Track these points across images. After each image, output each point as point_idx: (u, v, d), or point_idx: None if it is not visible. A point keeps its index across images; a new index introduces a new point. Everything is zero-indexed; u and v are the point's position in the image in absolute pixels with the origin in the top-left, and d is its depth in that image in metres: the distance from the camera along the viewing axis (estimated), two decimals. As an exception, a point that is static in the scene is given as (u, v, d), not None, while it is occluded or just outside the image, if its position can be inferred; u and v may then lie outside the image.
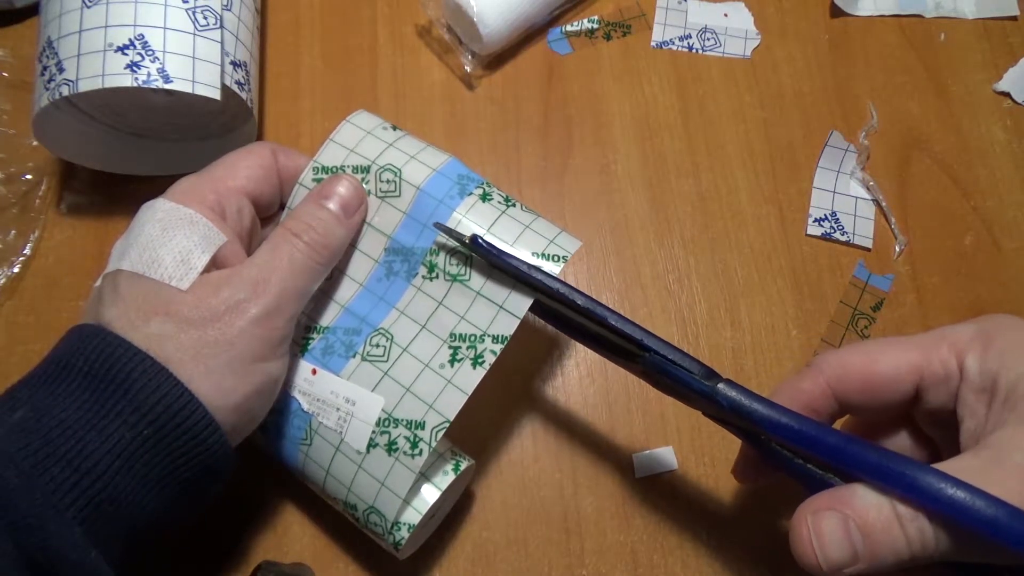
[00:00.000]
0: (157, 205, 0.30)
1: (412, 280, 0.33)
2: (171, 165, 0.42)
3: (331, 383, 0.33)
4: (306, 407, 0.33)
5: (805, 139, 0.44)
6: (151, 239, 0.29)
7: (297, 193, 0.35)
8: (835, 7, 0.47)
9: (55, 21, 0.35)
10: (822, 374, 0.29)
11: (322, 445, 0.32)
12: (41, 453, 0.25)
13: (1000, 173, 0.44)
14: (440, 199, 0.33)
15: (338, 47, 0.46)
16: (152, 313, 0.28)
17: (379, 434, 0.31)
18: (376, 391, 0.32)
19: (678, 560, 0.37)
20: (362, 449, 0.32)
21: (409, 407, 0.31)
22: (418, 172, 0.34)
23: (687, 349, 0.40)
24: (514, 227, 0.33)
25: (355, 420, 0.32)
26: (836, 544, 0.24)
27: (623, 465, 0.38)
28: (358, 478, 0.32)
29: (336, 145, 0.35)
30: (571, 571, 0.36)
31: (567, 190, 0.43)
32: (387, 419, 0.31)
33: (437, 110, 0.45)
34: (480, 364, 0.31)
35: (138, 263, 0.29)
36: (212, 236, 0.30)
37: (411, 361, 0.32)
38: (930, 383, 0.27)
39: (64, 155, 0.39)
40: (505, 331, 0.31)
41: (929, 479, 0.23)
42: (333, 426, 0.32)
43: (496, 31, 0.42)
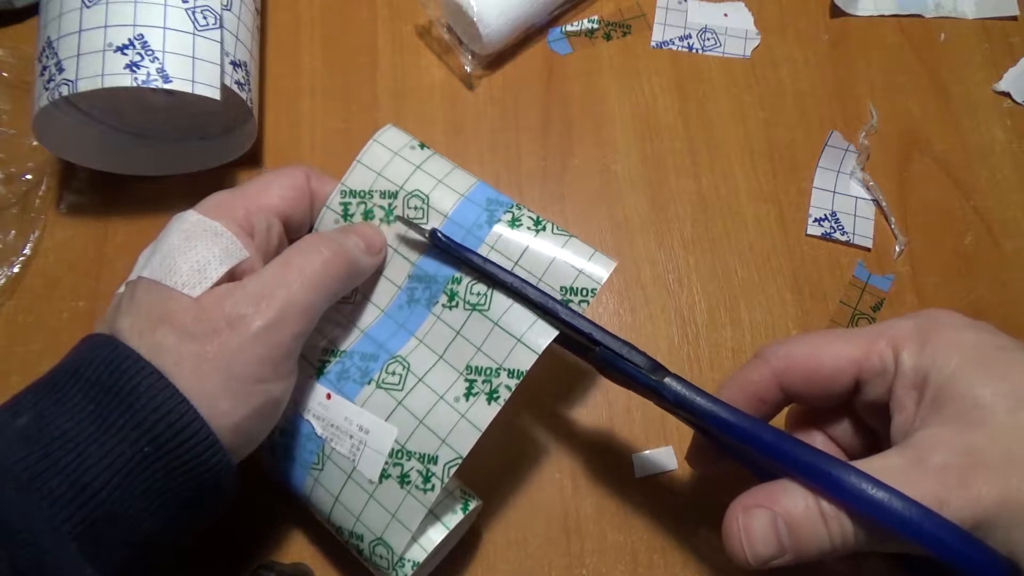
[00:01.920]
0: (186, 216, 0.30)
1: (432, 308, 0.33)
2: (171, 165, 0.42)
3: (345, 409, 0.32)
4: (320, 431, 0.32)
5: (805, 139, 0.44)
6: (173, 248, 0.29)
7: (324, 216, 0.34)
8: (835, 7, 0.47)
9: (55, 21, 0.35)
10: (768, 365, 0.30)
11: (334, 471, 0.32)
12: (40, 466, 0.24)
13: (1000, 173, 0.44)
14: (468, 228, 0.33)
15: (338, 47, 0.46)
16: (159, 322, 0.27)
17: (392, 465, 0.31)
18: (390, 420, 0.31)
19: (678, 560, 0.37)
20: (375, 479, 0.31)
21: (422, 440, 0.31)
22: (446, 199, 0.33)
23: (687, 349, 0.40)
24: (543, 257, 0.32)
25: (368, 449, 0.31)
26: (764, 540, 0.26)
27: (623, 465, 0.38)
28: (368, 508, 0.31)
29: (364, 168, 0.34)
30: (571, 571, 0.36)
31: (567, 190, 0.43)
32: (400, 451, 0.31)
33: (437, 110, 0.45)
34: (495, 399, 0.31)
35: (157, 270, 0.29)
36: (234, 250, 0.30)
37: (426, 392, 0.32)
38: (868, 376, 0.28)
39: (64, 155, 0.39)
40: (521, 366, 0.31)
41: (852, 479, 0.24)
42: (346, 453, 0.31)
43: (496, 31, 0.42)
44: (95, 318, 0.40)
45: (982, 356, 0.26)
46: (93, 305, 0.40)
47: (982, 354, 0.26)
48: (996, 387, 0.25)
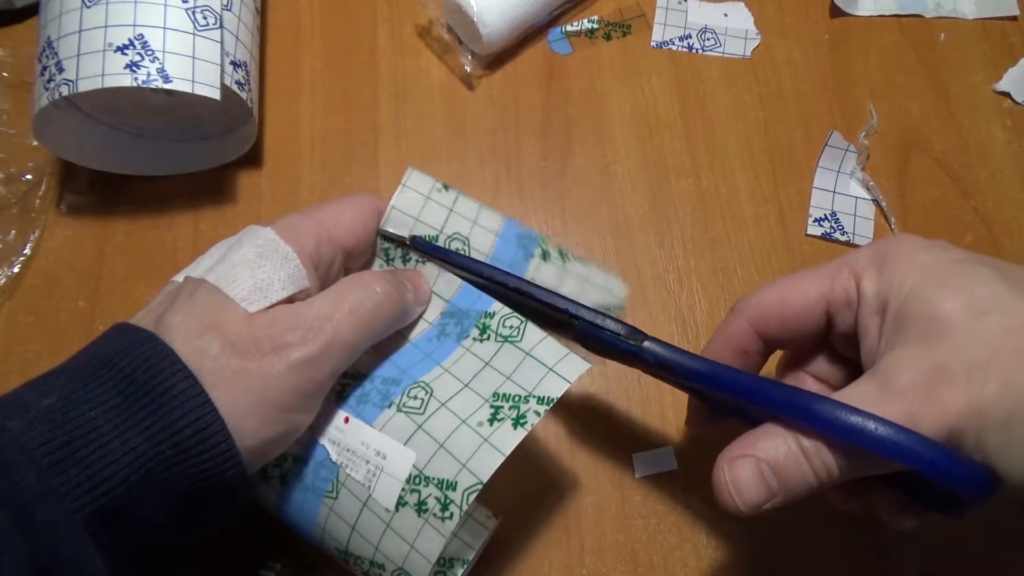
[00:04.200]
0: (262, 232, 0.30)
1: (462, 341, 0.33)
2: (171, 165, 0.42)
3: (363, 433, 0.31)
4: (335, 457, 0.31)
5: (805, 139, 0.44)
6: (242, 260, 0.29)
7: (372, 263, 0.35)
8: (835, 7, 0.47)
9: (55, 21, 0.35)
10: (742, 316, 0.31)
11: (349, 499, 0.30)
12: (61, 453, 0.24)
13: (1000, 173, 0.44)
14: (508, 265, 0.34)
15: (338, 47, 0.46)
16: (207, 328, 0.27)
17: (409, 492, 0.29)
18: (408, 445, 0.30)
19: (678, 560, 0.37)
20: (391, 507, 0.30)
21: (441, 465, 0.30)
22: (484, 240, 0.35)
23: (687, 348, 0.40)
24: (574, 284, 0.35)
25: (384, 475, 0.30)
26: (751, 487, 0.27)
27: (623, 465, 0.38)
28: (386, 538, 0.30)
29: (399, 213, 0.35)
30: (571, 571, 0.36)
31: (567, 190, 0.43)
32: (418, 476, 0.29)
33: (437, 110, 0.45)
34: (522, 425, 0.30)
35: (222, 278, 0.29)
36: (299, 278, 0.30)
37: (448, 416, 0.31)
38: (836, 308, 0.29)
39: (64, 155, 0.39)
40: (553, 393, 0.30)
41: (826, 409, 0.25)
42: (361, 480, 0.30)
43: (496, 31, 0.42)
44: (95, 318, 0.40)
45: (938, 272, 0.26)
46: (93, 305, 0.40)
47: (938, 270, 0.26)
48: (953, 300, 0.25)
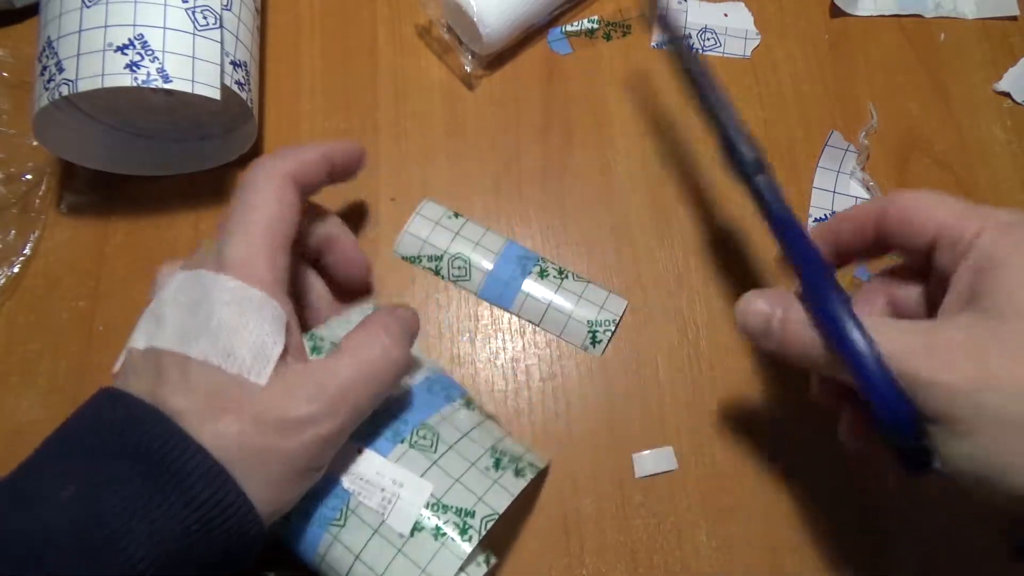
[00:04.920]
0: (222, 283, 0.28)
1: (451, 403, 0.35)
2: (171, 165, 0.42)
3: (377, 464, 0.31)
4: (347, 485, 0.31)
5: (805, 139, 0.44)
6: (222, 326, 0.27)
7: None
8: (835, 7, 0.47)
9: (55, 21, 0.35)
10: (882, 203, 0.30)
11: (358, 526, 0.30)
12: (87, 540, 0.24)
13: (1000, 173, 0.44)
14: (506, 281, 0.40)
15: (338, 47, 0.46)
16: (224, 411, 0.26)
17: (427, 518, 0.30)
18: (424, 477, 0.31)
19: (678, 560, 0.37)
20: (405, 532, 0.30)
21: (459, 496, 0.31)
22: (484, 258, 0.41)
23: (687, 349, 0.40)
24: (572, 297, 0.40)
25: (401, 502, 0.30)
26: (756, 315, 0.30)
27: (623, 465, 0.38)
28: (396, 563, 0.30)
29: (411, 236, 0.41)
30: (571, 571, 0.36)
31: (567, 190, 0.43)
32: (436, 504, 0.31)
33: (437, 110, 0.45)
34: (521, 475, 0.33)
35: (212, 353, 0.27)
36: (279, 317, 0.28)
37: (457, 457, 0.32)
38: (944, 242, 0.28)
39: (64, 155, 0.39)
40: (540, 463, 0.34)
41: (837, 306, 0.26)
42: (375, 507, 0.30)
43: (496, 31, 0.42)
44: (95, 318, 0.40)
45: None
46: (93, 305, 0.40)
47: None
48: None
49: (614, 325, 0.40)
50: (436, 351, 0.40)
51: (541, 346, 0.40)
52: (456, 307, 0.41)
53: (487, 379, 0.39)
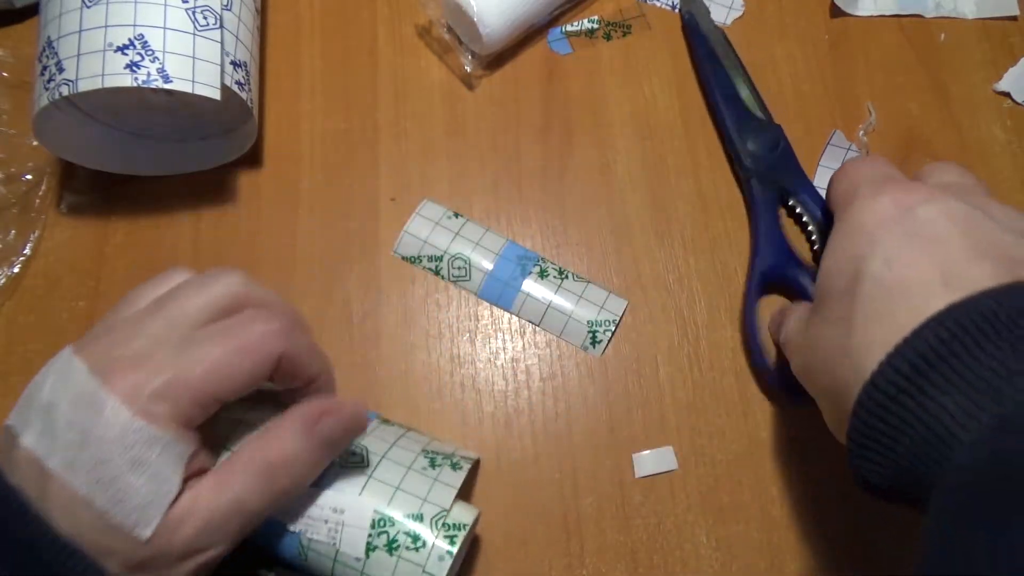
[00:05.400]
0: (123, 419, 0.25)
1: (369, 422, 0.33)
2: (171, 165, 0.42)
3: (314, 497, 0.30)
4: (292, 528, 0.30)
5: (805, 138, 0.44)
6: (115, 468, 0.25)
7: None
8: (835, 7, 0.47)
9: (55, 21, 0.35)
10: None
11: (318, 560, 0.30)
12: None
13: (1000, 173, 0.44)
14: (506, 281, 0.40)
15: (338, 47, 0.46)
16: (108, 554, 0.25)
17: (376, 536, 0.30)
18: (363, 495, 0.30)
19: (678, 560, 0.37)
20: (360, 556, 0.30)
21: (403, 503, 0.30)
22: (484, 259, 0.41)
23: (688, 348, 0.40)
24: (572, 298, 0.40)
25: (347, 528, 0.30)
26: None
27: (623, 465, 0.38)
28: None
29: (411, 236, 0.41)
30: (571, 571, 0.36)
31: (567, 190, 0.43)
32: (382, 519, 0.30)
33: (437, 110, 0.45)
34: (459, 468, 0.32)
35: (100, 498, 0.25)
36: (183, 455, 0.26)
37: (393, 465, 0.32)
38: None
39: (64, 155, 0.39)
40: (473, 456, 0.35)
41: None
42: (325, 539, 0.30)
43: (496, 31, 0.42)
44: (95, 318, 0.40)
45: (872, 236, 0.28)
46: (93, 305, 0.40)
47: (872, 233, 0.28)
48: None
49: (614, 325, 0.40)
50: (436, 351, 0.40)
51: (541, 346, 0.40)
52: (456, 307, 0.41)
53: (487, 379, 0.40)
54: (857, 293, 0.26)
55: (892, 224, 0.26)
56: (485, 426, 0.39)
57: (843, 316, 0.26)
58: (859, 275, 0.26)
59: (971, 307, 0.23)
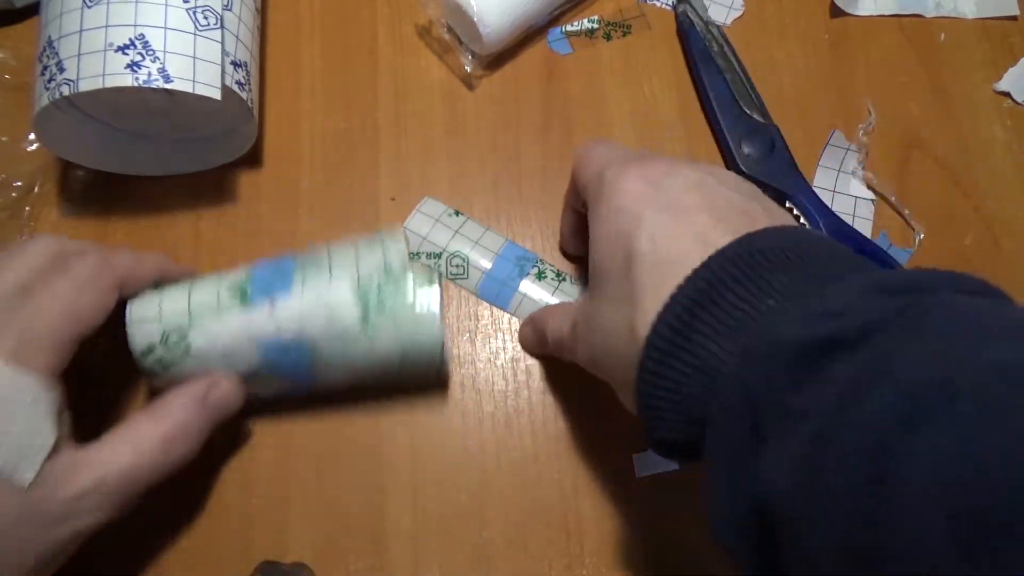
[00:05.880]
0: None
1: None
2: (171, 165, 0.42)
3: (292, 303, 0.33)
4: (290, 338, 0.33)
5: (805, 139, 0.44)
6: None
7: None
8: (835, 7, 0.47)
9: (55, 21, 0.35)
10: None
11: (330, 346, 0.33)
12: None
13: (1000, 173, 0.44)
14: (503, 280, 0.41)
15: (338, 47, 0.46)
16: None
17: (359, 299, 0.33)
18: (333, 281, 0.33)
19: (678, 560, 0.37)
20: (359, 327, 0.33)
21: (367, 259, 0.34)
22: (483, 258, 0.41)
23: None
24: (560, 302, 0.40)
25: (335, 309, 0.33)
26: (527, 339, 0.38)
27: (623, 465, 0.38)
28: (377, 349, 0.33)
29: (411, 232, 0.41)
30: (571, 571, 0.36)
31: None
32: (357, 286, 0.33)
33: (437, 110, 0.45)
34: (395, 239, 0.36)
35: None
36: (54, 405, 0.27)
37: (341, 252, 0.35)
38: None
39: (64, 155, 0.39)
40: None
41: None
42: (324, 330, 0.33)
43: (496, 31, 0.42)
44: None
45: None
46: (93, 305, 0.40)
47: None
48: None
49: None
50: (436, 351, 0.40)
51: (541, 346, 0.40)
52: (456, 307, 0.41)
53: (487, 379, 0.40)
54: (632, 272, 0.27)
55: (646, 200, 0.28)
56: (485, 426, 0.39)
57: (624, 294, 0.27)
58: (630, 254, 0.27)
59: (717, 259, 0.25)
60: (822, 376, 0.21)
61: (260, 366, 0.33)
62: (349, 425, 0.38)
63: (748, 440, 0.22)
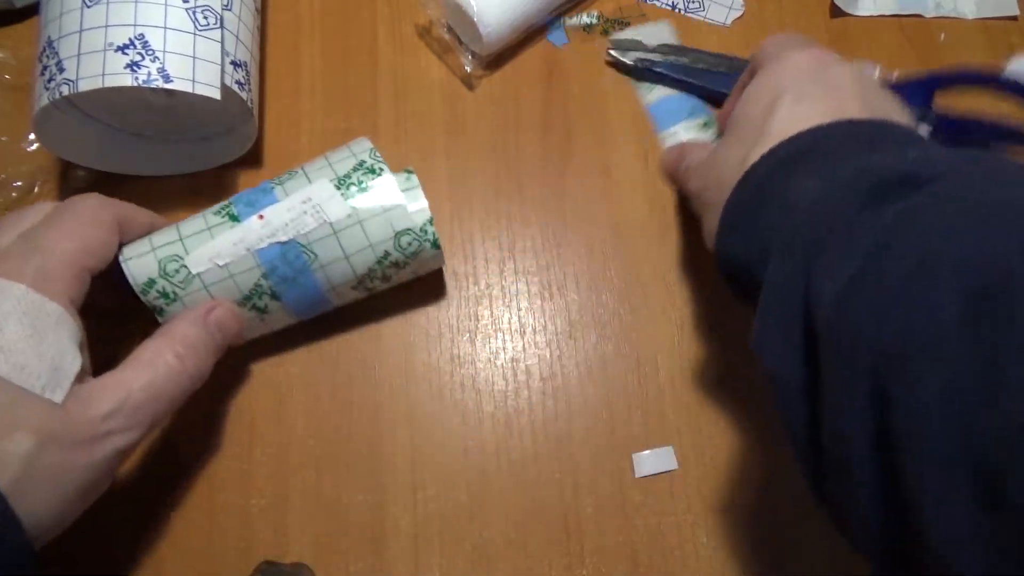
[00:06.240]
0: (16, 294, 0.27)
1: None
2: (171, 165, 0.42)
3: (280, 209, 0.34)
4: (283, 238, 0.34)
5: (805, 139, 0.44)
6: (16, 336, 0.26)
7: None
8: (835, 7, 0.47)
9: (55, 21, 0.35)
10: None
11: (323, 244, 0.34)
12: None
13: (1000, 173, 0.44)
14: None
15: (338, 47, 0.46)
16: (15, 427, 0.25)
17: (344, 190, 0.34)
18: (314, 183, 0.35)
19: (678, 560, 0.37)
20: (347, 212, 0.34)
21: (338, 161, 0.36)
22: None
23: (688, 348, 0.40)
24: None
25: (323, 204, 0.34)
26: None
27: (623, 465, 0.38)
28: (368, 230, 0.34)
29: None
30: (571, 571, 0.36)
31: (567, 190, 0.43)
32: (337, 180, 0.35)
33: (437, 110, 0.45)
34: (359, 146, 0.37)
35: (3, 366, 0.26)
36: (77, 333, 0.28)
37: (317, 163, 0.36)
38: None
39: (64, 155, 0.39)
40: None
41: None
42: (315, 225, 0.34)
43: (496, 31, 0.42)
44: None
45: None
46: (93, 305, 0.40)
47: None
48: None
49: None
50: (436, 351, 0.40)
51: (541, 346, 0.40)
52: (456, 307, 0.41)
53: (487, 379, 0.40)
54: (769, 119, 0.30)
55: (810, 72, 0.31)
56: (485, 426, 0.39)
57: (752, 136, 0.30)
58: (774, 105, 0.30)
59: (841, 124, 0.28)
60: (888, 204, 0.23)
61: (263, 277, 0.34)
62: (350, 424, 0.38)
63: (808, 255, 0.24)
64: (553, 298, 0.41)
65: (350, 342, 0.40)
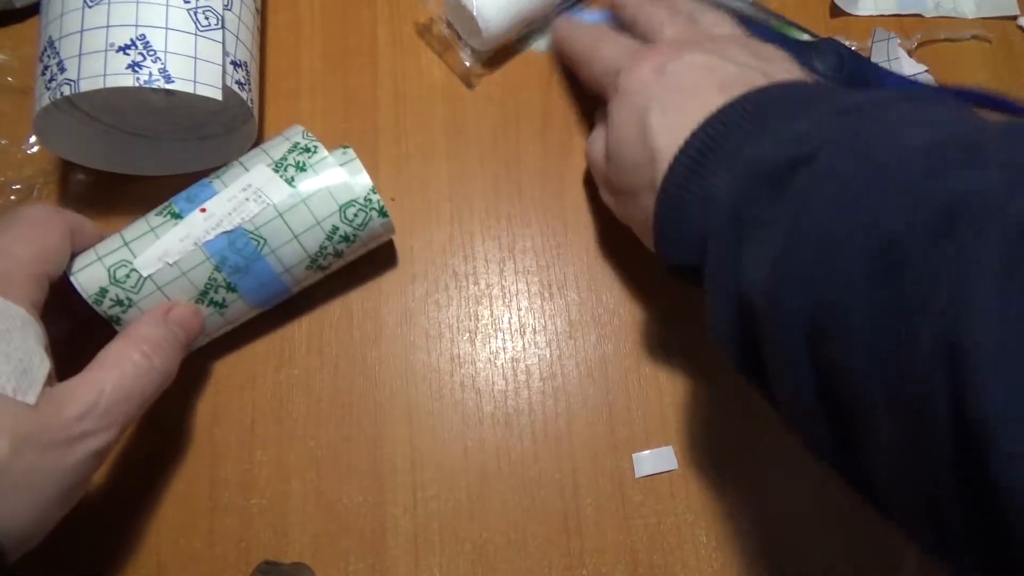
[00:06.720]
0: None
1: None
2: (171, 165, 0.42)
3: (222, 200, 0.34)
4: (228, 227, 0.34)
5: (805, 139, 0.44)
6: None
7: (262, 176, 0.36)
8: (835, 7, 0.47)
9: (56, 21, 0.35)
10: None
11: (271, 226, 0.34)
12: None
13: (1000, 173, 0.44)
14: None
15: (338, 47, 0.46)
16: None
17: (283, 175, 0.35)
18: (252, 170, 0.35)
19: (678, 560, 0.37)
20: (288, 192, 0.35)
21: (273, 148, 0.36)
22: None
23: (688, 347, 0.40)
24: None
25: (263, 188, 0.35)
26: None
27: (623, 465, 0.38)
28: (312, 207, 0.35)
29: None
30: (571, 571, 0.36)
31: (567, 190, 0.43)
32: (273, 164, 0.35)
33: (437, 110, 0.45)
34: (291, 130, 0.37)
35: None
36: (42, 337, 0.28)
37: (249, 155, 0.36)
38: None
39: (64, 155, 0.39)
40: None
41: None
42: (258, 210, 0.34)
43: (496, 26, 0.42)
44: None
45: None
46: (94, 305, 0.40)
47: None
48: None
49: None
50: (436, 351, 0.40)
51: (541, 346, 0.40)
52: (456, 307, 0.41)
53: (487, 379, 0.40)
54: (649, 139, 0.32)
55: (656, 84, 0.33)
56: (485, 426, 0.39)
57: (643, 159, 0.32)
58: (645, 127, 0.32)
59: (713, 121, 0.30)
60: (789, 189, 0.26)
61: (215, 269, 0.34)
62: (349, 425, 0.38)
63: (734, 248, 0.27)
64: (553, 298, 0.41)
65: (350, 343, 0.40)
